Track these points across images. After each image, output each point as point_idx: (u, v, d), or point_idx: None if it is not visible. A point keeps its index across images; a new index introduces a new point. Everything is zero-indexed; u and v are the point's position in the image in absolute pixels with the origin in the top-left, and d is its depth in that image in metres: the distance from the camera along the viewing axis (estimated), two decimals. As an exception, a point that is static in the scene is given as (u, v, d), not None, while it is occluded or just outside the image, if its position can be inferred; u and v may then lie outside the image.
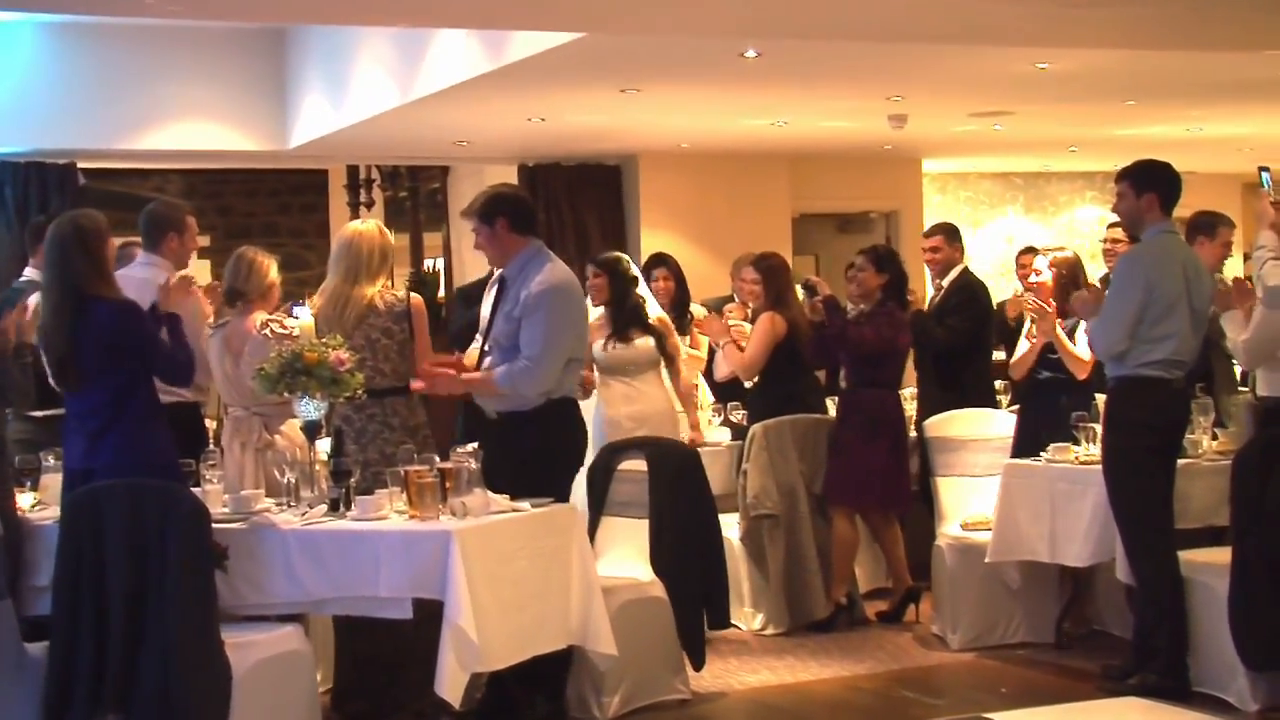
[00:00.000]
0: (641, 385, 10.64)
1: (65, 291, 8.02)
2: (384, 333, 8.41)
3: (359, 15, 12.16)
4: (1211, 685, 8.45)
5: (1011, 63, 12.61)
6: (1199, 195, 11.69)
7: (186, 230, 9.37)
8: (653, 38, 11.18)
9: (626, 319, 10.68)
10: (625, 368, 10.65)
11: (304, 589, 7.28)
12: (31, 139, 15.38)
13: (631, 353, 10.64)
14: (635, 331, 10.63)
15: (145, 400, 8.03)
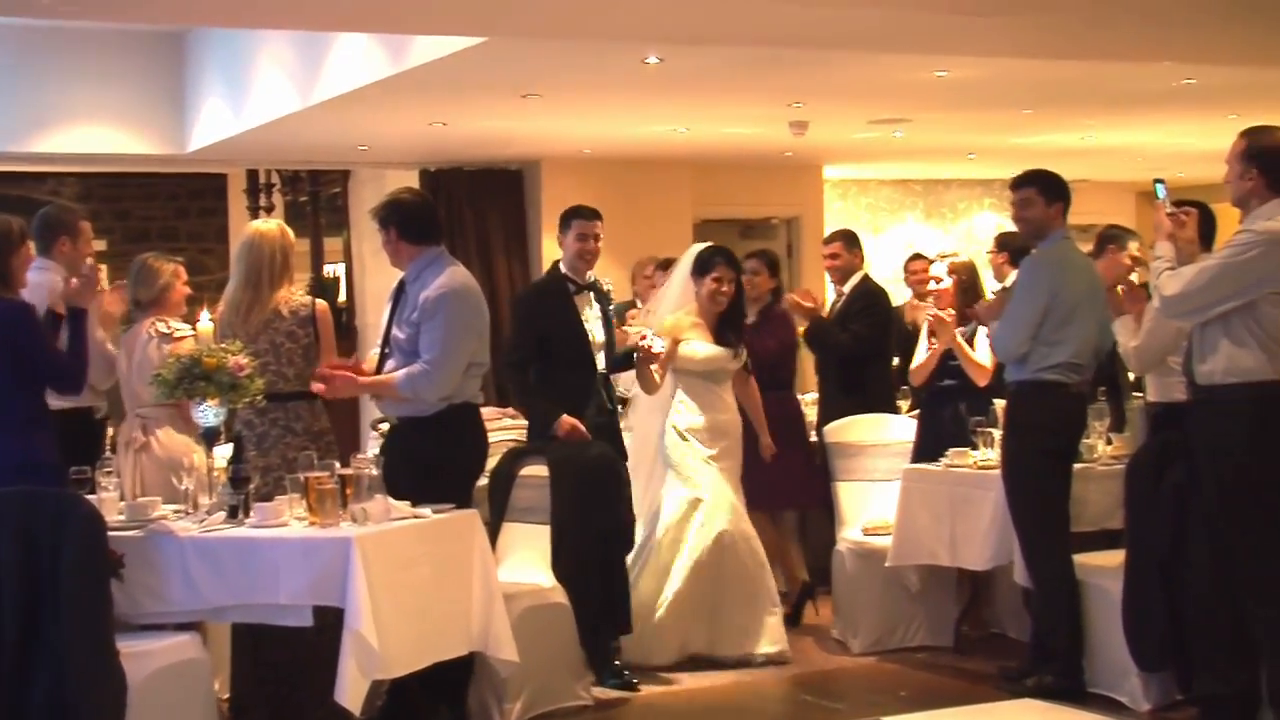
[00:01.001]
0: (724, 393, 10.10)
1: None
2: (288, 337, 8.37)
3: (259, 18, 12.12)
4: (1106, 686, 8.54)
5: (911, 70, 12.68)
6: (1093, 203, 11.82)
7: (79, 234, 9.26)
8: (554, 43, 11.18)
9: (736, 322, 10.25)
10: (718, 374, 10.10)
11: (202, 597, 7.21)
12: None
13: (728, 358, 10.07)
14: (734, 337, 10.14)
15: (27, 404, 7.89)
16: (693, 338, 9.99)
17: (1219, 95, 14.05)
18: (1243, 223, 7.42)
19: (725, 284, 10.02)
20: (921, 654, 9.82)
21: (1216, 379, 7.29)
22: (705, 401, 9.98)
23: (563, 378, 9.48)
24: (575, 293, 9.65)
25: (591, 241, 9.81)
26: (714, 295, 10.02)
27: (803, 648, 10.11)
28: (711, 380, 10.02)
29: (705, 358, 9.94)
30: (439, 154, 16.99)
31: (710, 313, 10.07)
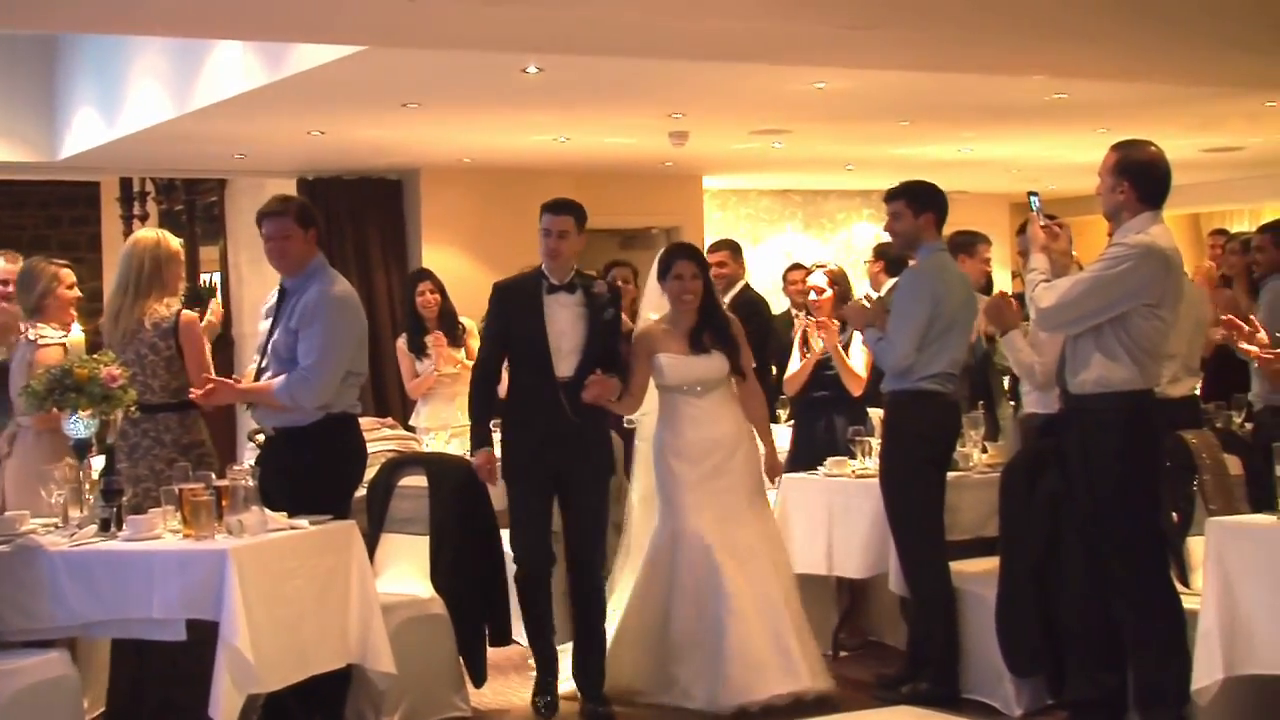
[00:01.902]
0: (710, 405, 8.96)
1: None
2: (150, 348, 8.35)
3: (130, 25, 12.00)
4: (980, 691, 8.60)
5: (790, 82, 12.74)
6: (969, 214, 11.94)
7: None
8: (434, 52, 11.18)
9: (714, 322, 9.08)
10: (697, 384, 8.96)
11: (73, 612, 7.16)
12: None
13: (706, 366, 8.94)
14: (711, 340, 8.97)
15: None
16: (664, 349, 8.97)
17: (1090, 110, 14.22)
18: (1113, 235, 7.50)
19: (688, 279, 8.95)
20: (799, 662, 9.85)
21: (1089, 389, 7.36)
22: (685, 416, 8.98)
23: (520, 380, 8.91)
24: (549, 292, 8.77)
25: (553, 238, 8.77)
26: (679, 296, 8.98)
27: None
28: (690, 393, 8.98)
29: (674, 369, 8.94)
30: (317, 163, 16.97)
31: (682, 316, 9.00)
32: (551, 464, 8.71)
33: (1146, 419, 7.48)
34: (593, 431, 8.82)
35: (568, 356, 8.66)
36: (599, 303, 8.80)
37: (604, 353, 8.77)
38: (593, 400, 8.60)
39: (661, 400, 9.13)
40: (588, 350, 8.69)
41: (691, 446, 8.89)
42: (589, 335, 8.73)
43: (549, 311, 8.70)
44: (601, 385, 8.58)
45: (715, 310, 9.14)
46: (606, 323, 8.85)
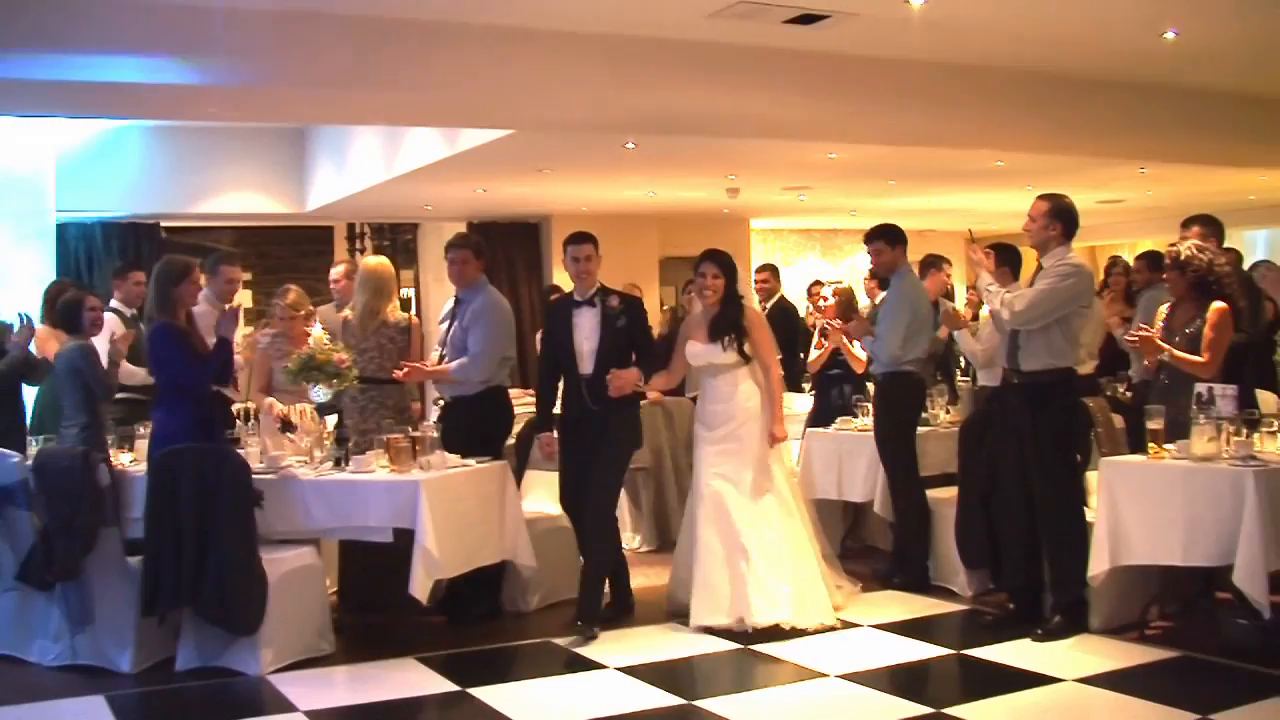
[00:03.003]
0: (722, 384, 8.05)
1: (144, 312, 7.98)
2: (390, 340, 8.34)
3: (356, 118, 12.20)
4: (944, 580, 8.60)
5: (810, 154, 12.76)
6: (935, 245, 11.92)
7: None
8: (561, 134, 11.22)
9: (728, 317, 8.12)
10: (710, 368, 8.12)
11: (316, 521, 7.26)
12: (128, 206, 15.34)
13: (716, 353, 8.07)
14: (722, 331, 8.07)
15: (168, 390, 7.71)
16: (694, 336, 8.16)
17: (1020, 173, 14.17)
18: (1043, 261, 7.43)
19: (709, 278, 8.07)
20: (817, 560, 9.84)
21: (1036, 366, 7.32)
22: (706, 392, 8.15)
23: (564, 378, 8.15)
24: (576, 307, 8.06)
25: (582, 262, 8.02)
26: (700, 293, 8.19)
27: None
28: (707, 374, 8.14)
29: (693, 354, 8.13)
30: (481, 211, 17.04)
31: (706, 311, 8.17)
32: (581, 439, 7.95)
33: (1073, 388, 7.48)
34: (614, 415, 7.89)
35: (588, 357, 7.91)
36: (612, 314, 7.97)
37: (619, 353, 7.92)
38: (617, 393, 7.80)
39: (697, 377, 8.52)
40: (601, 352, 7.88)
41: (710, 416, 8.06)
42: (602, 340, 7.91)
43: (576, 322, 7.98)
44: (620, 379, 7.79)
45: (731, 306, 8.08)
46: (619, 330, 7.95)
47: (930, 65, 10.05)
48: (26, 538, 7.21)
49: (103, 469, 7.15)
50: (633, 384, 7.88)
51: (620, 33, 9.05)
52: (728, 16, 8.68)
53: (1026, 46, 9.71)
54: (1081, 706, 6.27)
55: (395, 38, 8.61)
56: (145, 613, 6.97)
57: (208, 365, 7.61)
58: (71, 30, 7.88)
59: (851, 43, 9.42)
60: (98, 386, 7.90)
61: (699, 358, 8.10)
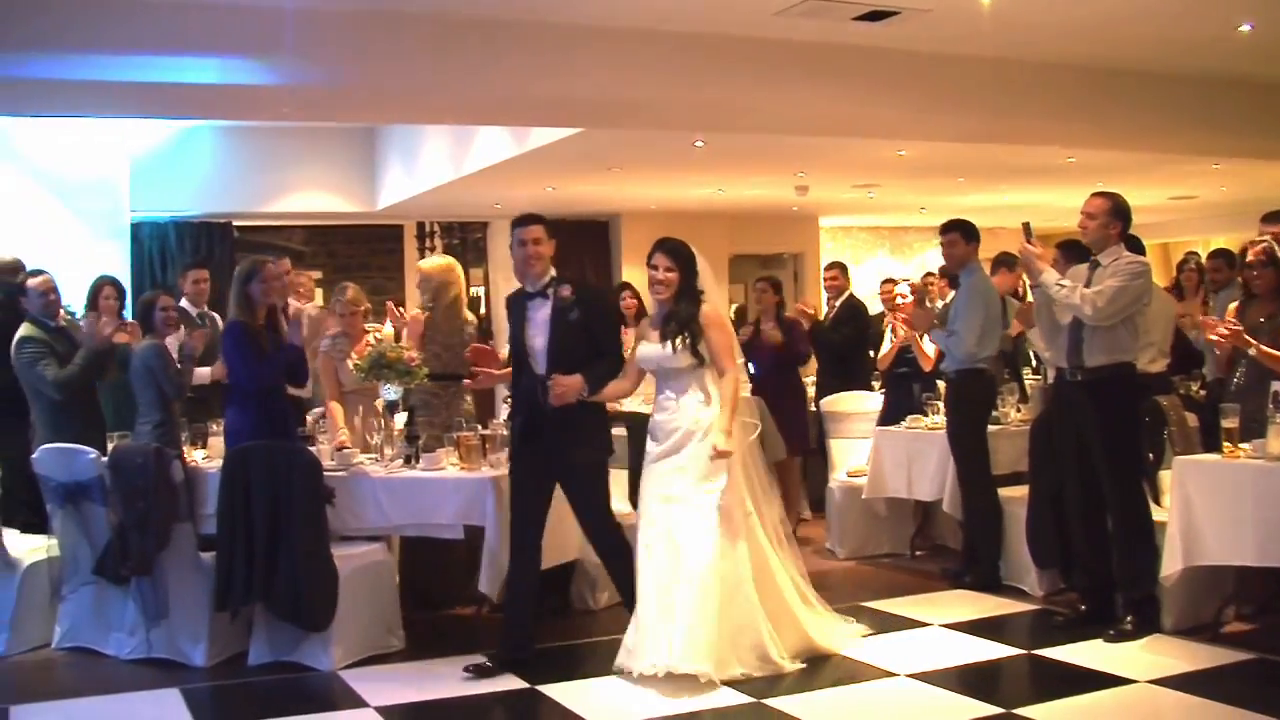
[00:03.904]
0: (670, 391, 7.02)
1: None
2: (462, 343, 8.37)
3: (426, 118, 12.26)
4: (1015, 579, 8.55)
5: (880, 150, 12.70)
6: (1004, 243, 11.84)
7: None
8: (631, 132, 11.22)
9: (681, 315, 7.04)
10: (660, 372, 7.08)
11: (387, 518, 7.31)
12: (202, 205, 15.47)
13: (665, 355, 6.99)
14: (674, 331, 6.98)
15: (236, 388, 7.79)
16: (646, 335, 7.14)
17: (1091, 170, 14.02)
18: (1101, 259, 7.36)
19: (661, 271, 7.04)
20: (887, 559, 9.80)
21: (1100, 362, 7.26)
22: (656, 399, 7.13)
23: (515, 378, 7.24)
24: (528, 299, 7.13)
25: (529, 245, 7.10)
26: (650, 286, 7.14)
27: (804, 555, 10.09)
28: (659, 379, 7.09)
29: (643, 357, 7.08)
30: (550, 209, 16.91)
31: (660, 307, 7.12)
32: (535, 448, 6.94)
33: (1135, 383, 7.41)
34: (577, 418, 6.91)
35: (540, 356, 6.94)
36: (563, 306, 6.97)
37: (574, 352, 6.92)
38: (558, 403, 6.78)
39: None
40: (551, 349, 6.92)
41: (656, 427, 7.02)
42: (553, 336, 6.93)
43: (530, 317, 7.04)
44: (561, 386, 6.78)
45: (685, 303, 6.99)
46: (572, 324, 6.95)
47: (1000, 61, 10.00)
48: (103, 533, 7.31)
49: (176, 466, 7.23)
50: (575, 393, 6.82)
51: (689, 31, 9.06)
52: (795, 14, 8.66)
53: (1098, 41, 9.64)
54: (1154, 708, 6.21)
55: (465, 37, 8.65)
56: (218, 608, 7.05)
57: (269, 365, 7.66)
58: (145, 32, 7.96)
59: (920, 39, 9.39)
60: (168, 386, 8.00)
61: (649, 361, 7.07)
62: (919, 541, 10.02)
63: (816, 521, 11.06)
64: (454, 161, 13.54)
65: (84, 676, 7.10)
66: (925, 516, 10.05)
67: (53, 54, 7.90)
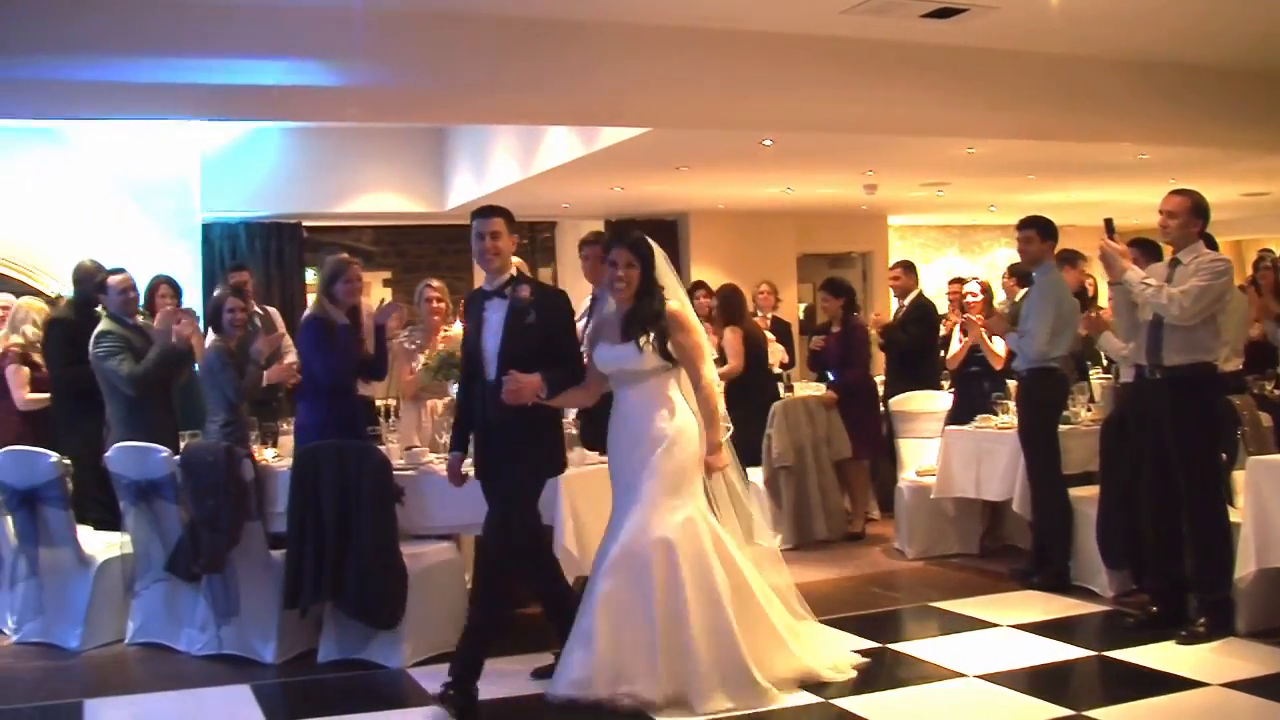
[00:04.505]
0: (635, 396, 6.41)
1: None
2: None
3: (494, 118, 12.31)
4: (1085, 580, 8.47)
5: (949, 148, 12.64)
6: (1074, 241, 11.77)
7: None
8: (699, 131, 11.23)
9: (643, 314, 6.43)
10: (621, 375, 6.47)
11: (456, 517, 7.28)
12: (272, 206, 15.58)
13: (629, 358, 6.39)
14: (639, 331, 6.38)
15: (309, 384, 7.82)
16: (605, 336, 6.51)
17: (1163, 166, 13.90)
18: (1181, 257, 7.29)
19: (621, 267, 6.40)
20: (956, 559, 9.75)
21: (1179, 360, 7.19)
22: (617, 406, 6.51)
23: (464, 384, 6.73)
24: (486, 299, 6.60)
25: (487, 240, 6.58)
26: (610, 283, 6.49)
27: (873, 555, 10.07)
28: (619, 384, 6.47)
29: (602, 359, 6.47)
30: (617, 209, 17.08)
31: (619, 306, 6.50)
32: (488, 461, 6.52)
33: (1215, 382, 7.34)
34: (525, 431, 6.40)
35: (492, 360, 6.40)
36: (519, 307, 6.42)
37: (528, 357, 6.30)
38: (512, 401, 6.20)
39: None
40: (504, 354, 6.34)
41: (618, 438, 6.44)
42: (506, 339, 6.38)
43: (485, 317, 6.51)
44: (517, 382, 6.19)
45: (648, 299, 6.40)
46: (528, 327, 6.39)
47: (1070, 58, 9.94)
48: (175, 530, 7.39)
49: (246, 464, 7.29)
50: (532, 393, 6.24)
51: (757, 30, 9.06)
52: (864, 11, 8.64)
53: (1168, 36, 9.56)
54: (1227, 712, 6.14)
55: (533, 38, 8.67)
56: (288, 606, 7.10)
57: (346, 361, 7.70)
58: (214, 34, 8.05)
59: (989, 36, 9.34)
60: (230, 389, 8.05)
61: (608, 362, 6.43)
62: (988, 541, 9.97)
63: (885, 521, 11.04)
64: (522, 162, 13.59)
65: (156, 671, 7.19)
66: (994, 516, 10.00)
67: (124, 57, 8.00)
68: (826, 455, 10.65)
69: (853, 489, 10.89)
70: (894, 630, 7.79)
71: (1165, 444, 7.30)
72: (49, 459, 7.69)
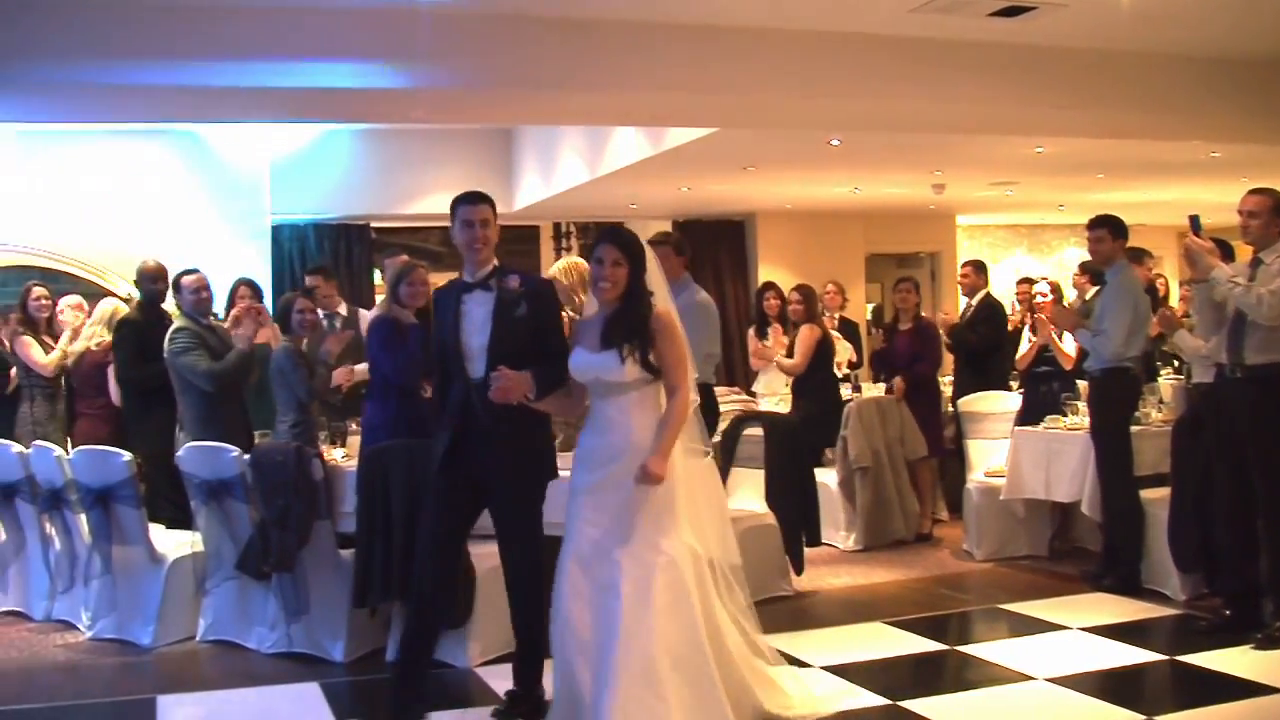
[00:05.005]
0: (612, 410, 5.66)
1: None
2: None
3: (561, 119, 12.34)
4: (1156, 583, 8.40)
5: (1018, 148, 12.56)
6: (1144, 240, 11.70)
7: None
8: (766, 131, 11.21)
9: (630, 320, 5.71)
10: (599, 386, 5.71)
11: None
12: (340, 208, 15.70)
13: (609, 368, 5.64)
14: (622, 337, 5.65)
15: (377, 383, 7.79)
16: (582, 341, 5.80)
17: (1235, 165, 13.74)
18: (1264, 256, 7.20)
19: (608, 265, 5.70)
20: (1025, 561, 9.69)
21: (1261, 360, 7.10)
22: (590, 418, 5.79)
23: (442, 383, 6.19)
24: (465, 291, 6.09)
25: (476, 228, 6.11)
26: (596, 282, 5.77)
27: (942, 557, 10.03)
28: (595, 394, 5.73)
29: (578, 366, 5.75)
30: (685, 209, 17.08)
31: (601, 309, 5.82)
32: (466, 466, 5.96)
33: None
34: (516, 434, 5.93)
35: (478, 357, 5.92)
36: (510, 299, 5.98)
37: (519, 353, 5.82)
38: (500, 399, 5.68)
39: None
40: (494, 350, 5.87)
41: (588, 452, 5.69)
42: (495, 333, 5.92)
43: (465, 310, 6.03)
44: (508, 379, 5.67)
45: (635, 304, 5.71)
46: (518, 320, 5.96)
47: (1140, 55, 9.84)
48: (245, 529, 7.45)
49: (316, 464, 7.33)
50: (522, 393, 5.75)
51: (823, 29, 9.03)
52: (931, 10, 8.59)
53: (1240, 33, 9.45)
54: (1303, 716, 6.08)
55: (599, 38, 8.68)
56: (356, 605, 7.13)
57: (414, 360, 7.73)
58: (284, 38, 8.11)
59: (1058, 34, 9.27)
60: (299, 389, 8.10)
61: (584, 371, 5.73)
62: (1058, 543, 9.90)
63: (954, 523, 10.98)
64: (590, 162, 13.61)
65: (227, 669, 7.26)
66: (1064, 518, 9.93)
67: (196, 62, 8.07)
68: (900, 455, 10.62)
69: (920, 489, 10.84)
70: (962, 632, 7.76)
71: (1241, 444, 7.22)
72: (122, 458, 7.77)
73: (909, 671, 6.99)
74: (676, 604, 5.42)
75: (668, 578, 5.44)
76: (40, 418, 9.70)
